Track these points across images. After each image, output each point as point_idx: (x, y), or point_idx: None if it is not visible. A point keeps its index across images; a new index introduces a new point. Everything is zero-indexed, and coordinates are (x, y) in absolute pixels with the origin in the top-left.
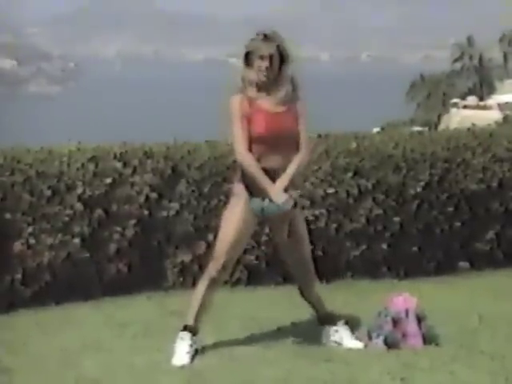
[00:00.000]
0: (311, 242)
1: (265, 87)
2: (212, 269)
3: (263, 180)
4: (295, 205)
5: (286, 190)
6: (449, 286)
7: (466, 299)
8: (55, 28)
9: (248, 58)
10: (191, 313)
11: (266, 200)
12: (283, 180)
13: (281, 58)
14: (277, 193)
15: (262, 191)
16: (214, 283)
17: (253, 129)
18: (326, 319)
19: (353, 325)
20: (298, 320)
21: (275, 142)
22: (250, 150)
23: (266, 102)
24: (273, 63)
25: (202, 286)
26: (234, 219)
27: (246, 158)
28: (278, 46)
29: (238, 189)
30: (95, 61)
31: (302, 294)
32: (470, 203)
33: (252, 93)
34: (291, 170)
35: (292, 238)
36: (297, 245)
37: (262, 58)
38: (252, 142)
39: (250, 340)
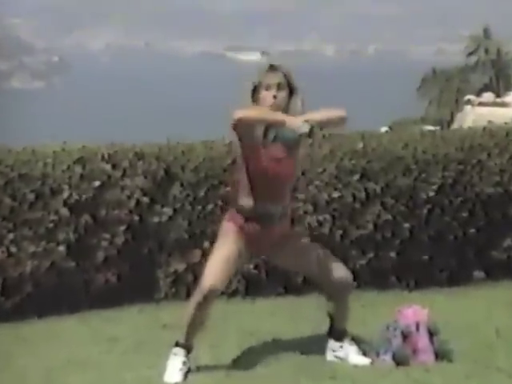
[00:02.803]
0: None
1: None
2: (204, 287)
3: (275, 114)
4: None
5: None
6: (463, 297)
7: (482, 312)
8: (39, 19)
9: (254, 94)
10: (184, 330)
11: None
12: (304, 116)
13: (289, 90)
14: (292, 120)
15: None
16: (207, 299)
17: (253, 164)
18: (336, 334)
19: (359, 339)
20: (300, 334)
21: (274, 186)
22: (251, 186)
23: (272, 145)
24: (280, 93)
25: (194, 301)
26: (222, 253)
27: (247, 110)
28: (284, 76)
29: (227, 227)
30: (82, 54)
31: (329, 304)
32: (486, 208)
33: (259, 132)
34: (320, 112)
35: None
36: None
37: (268, 88)
38: (250, 179)
39: (249, 356)
